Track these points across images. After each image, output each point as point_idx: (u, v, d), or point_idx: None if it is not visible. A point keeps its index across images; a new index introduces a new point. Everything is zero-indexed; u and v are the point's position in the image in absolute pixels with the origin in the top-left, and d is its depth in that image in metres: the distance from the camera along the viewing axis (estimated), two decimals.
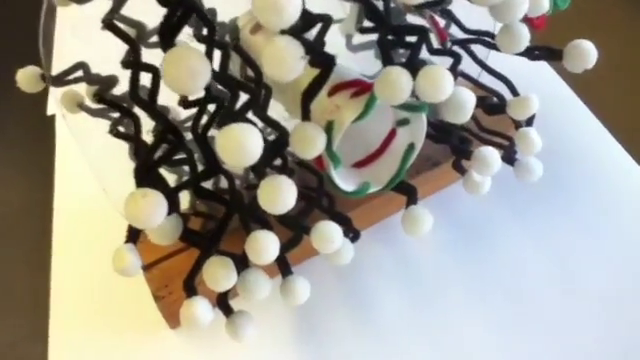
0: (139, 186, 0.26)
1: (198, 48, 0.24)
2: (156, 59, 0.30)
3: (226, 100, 0.30)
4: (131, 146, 0.35)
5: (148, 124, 0.33)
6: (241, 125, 0.24)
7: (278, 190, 0.26)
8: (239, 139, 0.23)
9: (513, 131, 0.40)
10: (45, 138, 0.56)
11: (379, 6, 0.30)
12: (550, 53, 0.32)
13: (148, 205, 0.24)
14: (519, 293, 0.42)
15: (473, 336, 0.40)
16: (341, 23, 0.45)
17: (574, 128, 0.52)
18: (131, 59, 0.29)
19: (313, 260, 0.43)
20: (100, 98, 0.32)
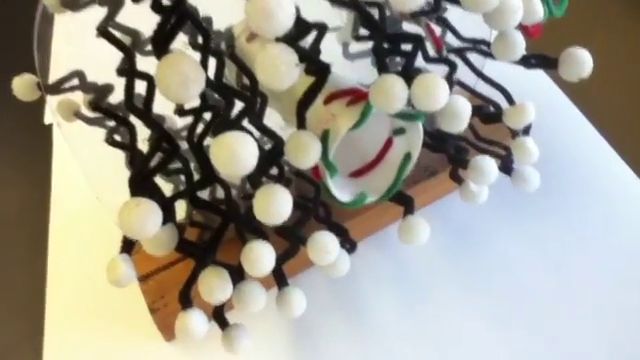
0: (133, 195, 0.26)
1: (193, 56, 0.24)
2: (153, 67, 0.30)
3: (222, 109, 0.30)
4: (127, 155, 0.35)
5: (144, 133, 0.33)
6: (235, 133, 0.24)
7: (273, 200, 0.25)
8: (233, 148, 0.23)
9: (510, 140, 0.40)
10: (43, 142, 0.56)
11: (374, 14, 0.30)
12: (545, 61, 0.32)
13: (142, 214, 0.24)
14: (515, 302, 0.42)
15: (470, 345, 0.40)
16: (338, 31, 0.45)
17: (570, 136, 0.52)
18: (126, 67, 0.29)
19: (309, 271, 0.43)
20: (96, 106, 0.32)
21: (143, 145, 0.32)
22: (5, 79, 0.37)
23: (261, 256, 0.27)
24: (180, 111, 0.36)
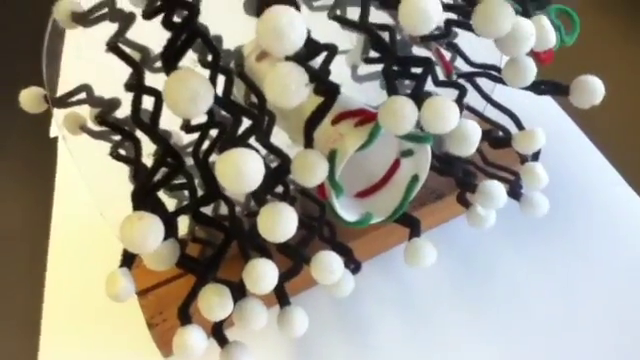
0: (136, 209, 0.26)
1: (202, 73, 0.24)
2: (161, 84, 0.30)
3: (229, 126, 0.30)
4: (131, 169, 0.35)
5: (149, 148, 0.33)
6: (241, 150, 0.24)
7: (278, 217, 0.25)
8: (238, 164, 0.23)
9: (518, 166, 0.39)
10: (47, 155, 0.56)
11: (385, 37, 0.30)
12: (556, 88, 0.32)
13: (144, 228, 0.24)
14: (520, 327, 0.41)
15: None
16: (347, 54, 0.45)
17: (577, 162, 0.52)
18: (134, 82, 0.29)
19: (311, 291, 0.42)
20: (102, 120, 0.32)
21: (148, 160, 0.32)
22: (11, 92, 0.37)
23: (264, 274, 0.26)
24: (187, 127, 0.35)
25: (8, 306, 1.03)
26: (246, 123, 0.28)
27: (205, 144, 0.31)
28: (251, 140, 0.28)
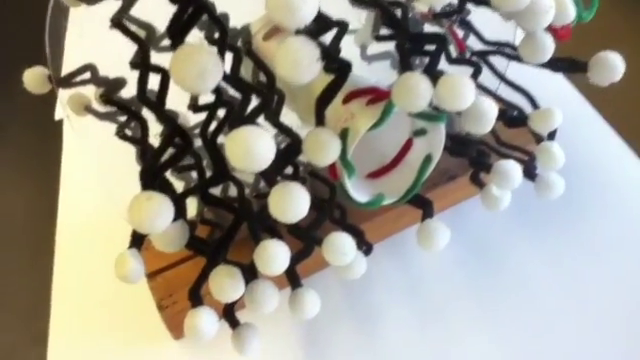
0: (144, 189, 0.25)
1: None
2: (167, 64, 0.29)
3: (237, 104, 0.29)
4: (137, 150, 0.34)
5: (156, 128, 0.32)
6: (251, 128, 0.23)
7: (290, 197, 0.24)
8: (248, 142, 0.22)
9: (532, 146, 0.38)
10: (52, 143, 0.55)
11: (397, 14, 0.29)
12: (574, 65, 0.31)
13: (152, 208, 0.23)
14: (530, 311, 0.41)
15: (481, 354, 0.39)
16: (356, 33, 0.44)
17: (593, 144, 0.51)
18: (139, 60, 0.28)
19: (320, 273, 0.42)
20: (107, 99, 0.31)
21: (155, 141, 0.32)
22: (12, 79, 0.36)
23: (275, 255, 0.26)
24: (194, 107, 0.35)
25: (16, 292, 1.04)
26: (254, 104, 0.28)
27: (212, 125, 0.31)
28: (260, 120, 0.27)
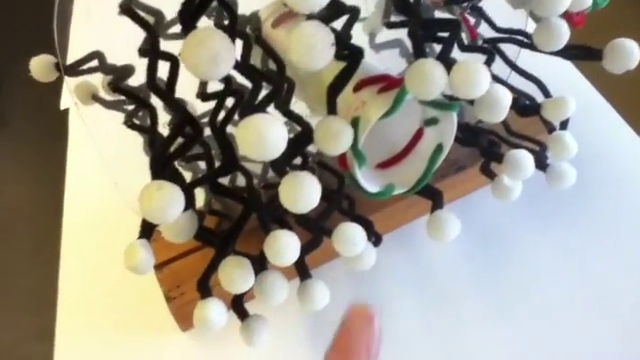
0: (154, 178, 0.25)
1: None
2: (174, 51, 0.29)
3: (246, 93, 0.28)
4: (146, 139, 0.34)
5: (164, 118, 0.32)
6: (263, 116, 0.22)
7: (301, 187, 0.24)
8: (260, 130, 0.22)
9: (543, 136, 0.38)
10: (57, 134, 0.55)
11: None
12: (588, 52, 0.30)
13: (163, 198, 0.23)
14: (540, 302, 0.40)
15: (490, 345, 0.38)
16: (365, 21, 0.43)
17: (603, 134, 0.50)
18: (148, 47, 0.27)
19: (328, 264, 0.41)
20: (116, 87, 0.31)
21: (163, 130, 0.31)
22: (17, 73, 0.36)
23: (286, 246, 0.26)
24: (203, 95, 0.34)
25: (21, 287, 1.04)
26: (263, 93, 0.27)
27: (221, 115, 0.30)
28: (269, 109, 0.27)
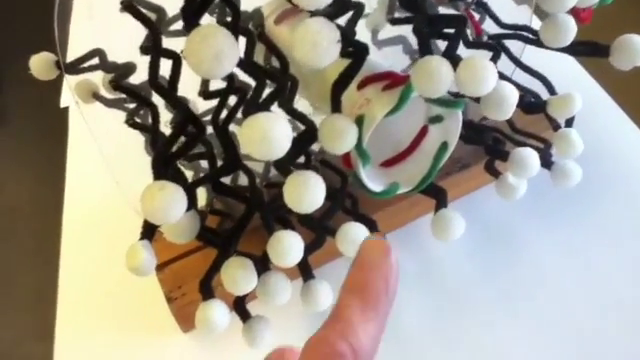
0: (157, 178, 0.24)
1: None
2: (174, 49, 0.28)
3: (249, 91, 0.28)
4: (147, 138, 0.34)
5: (165, 116, 0.32)
6: (267, 114, 0.22)
7: (305, 187, 0.24)
8: (265, 129, 0.21)
9: (547, 134, 0.38)
10: (57, 133, 0.54)
11: None
12: (595, 49, 0.30)
13: (166, 199, 0.22)
14: (546, 301, 0.40)
15: (495, 344, 0.38)
16: (368, 17, 0.43)
17: (608, 131, 0.49)
18: (150, 44, 0.27)
19: (330, 264, 0.41)
20: (117, 85, 0.30)
21: (165, 128, 0.31)
22: (16, 71, 0.35)
23: (290, 247, 0.25)
24: (205, 93, 0.34)
25: (21, 287, 1.03)
26: (266, 91, 0.27)
27: (223, 113, 0.30)
28: (272, 108, 0.26)
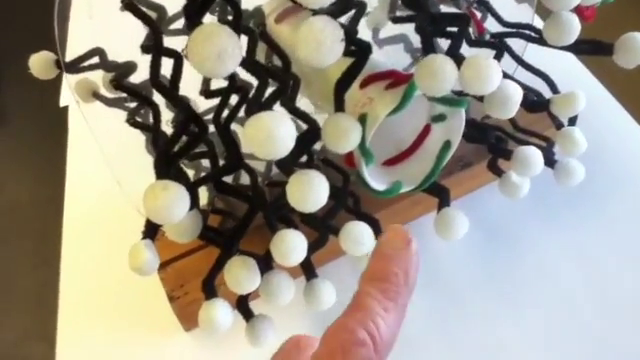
0: (159, 178, 0.24)
1: None
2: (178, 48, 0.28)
3: (251, 90, 0.28)
4: (148, 137, 0.34)
5: (166, 116, 0.32)
6: (271, 113, 0.22)
7: (309, 186, 0.24)
8: (269, 128, 0.21)
9: (550, 132, 0.38)
10: (57, 133, 0.54)
11: None
12: (599, 47, 0.30)
13: (169, 198, 0.22)
14: (549, 301, 0.40)
15: (498, 343, 0.38)
16: (368, 16, 0.43)
17: (610, 130, 0.49)
18: (151, 43, 0.27)
19: (333, 263, 0.41)
20: (118, 85, 0.30)
21: (166, 128, 0.31)
22: (15, 71, 0.35)
23: (293, 246, 0.25)
24: (206, 92, 0.34)
25: (22, 287, 1.03)
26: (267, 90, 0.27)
27: (225, 111, 0.30)
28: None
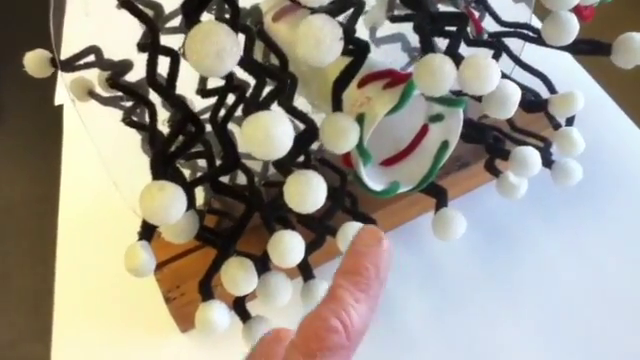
0: (155, 178, 0.24)
1: None
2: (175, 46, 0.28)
3: (248, 89, 0.28)
4: (144, 137, 0.33)
5: (162, 115, 0.31)
6: (269, 113, 0.22)
7: (307, 187, 0.23)
8: (267, 127, 0.21)
9: (547, 132, 0.37)
10: (53, 131, 0.54)
11: None
12: (597, 47, 0.30)
13: (165, 199, 0.22)
14: (548, 300, 0.40)
15: (496, 343, 0.38)
16: (366, 14, 0.43)
17: (608, 132, 0.49)
18: (148, 42, 0.27)
19: (330, 263, 0.41)
20: (114, 83, 0.30)
21: (162, 127, 0.30)
22: (11, 68, 0.35)
23: (291, 247, 0.25)
24: (203, 91, 0.34)
25: (17, 287, 1.02)
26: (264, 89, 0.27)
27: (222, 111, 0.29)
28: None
